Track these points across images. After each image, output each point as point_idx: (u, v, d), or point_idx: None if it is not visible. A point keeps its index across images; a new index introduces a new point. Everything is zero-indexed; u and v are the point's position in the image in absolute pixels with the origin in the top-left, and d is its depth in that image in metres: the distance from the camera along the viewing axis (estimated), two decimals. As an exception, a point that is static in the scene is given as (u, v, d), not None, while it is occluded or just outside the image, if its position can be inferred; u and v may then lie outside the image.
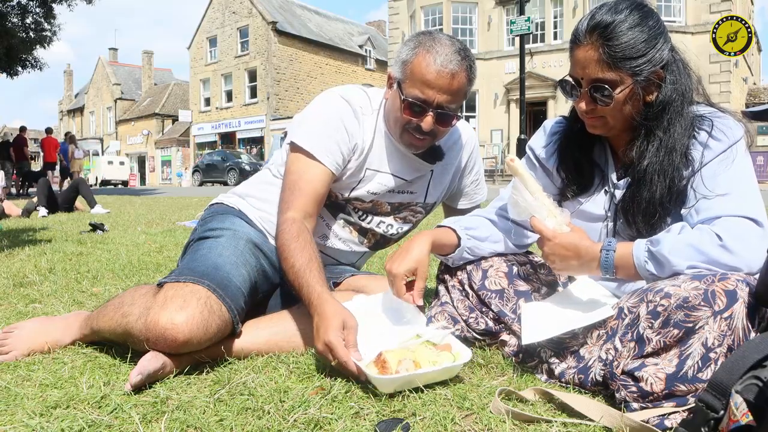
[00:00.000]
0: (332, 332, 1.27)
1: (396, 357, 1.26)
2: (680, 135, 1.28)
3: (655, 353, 1.08)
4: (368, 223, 1.75)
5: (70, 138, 16.93)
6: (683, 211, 1.28)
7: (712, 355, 1.04)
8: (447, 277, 1.55)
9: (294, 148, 1.61)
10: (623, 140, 1.39)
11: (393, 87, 1.58)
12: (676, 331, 1.06)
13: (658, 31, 1.26)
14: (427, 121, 1.52)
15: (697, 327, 1.05)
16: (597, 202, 1.43)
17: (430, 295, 1.71)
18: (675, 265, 1.14)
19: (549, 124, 1.59)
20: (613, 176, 1.41)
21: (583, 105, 1.31)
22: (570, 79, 1.33)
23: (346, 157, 1.61)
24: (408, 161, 1.70)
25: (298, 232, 1.50)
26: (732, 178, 1.22)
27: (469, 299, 1.51)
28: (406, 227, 1.82)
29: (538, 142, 1.58)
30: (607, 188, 1.42)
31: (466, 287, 1.51)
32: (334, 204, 1.71)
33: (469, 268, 1.51)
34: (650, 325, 1.09)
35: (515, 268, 1.50)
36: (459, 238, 1.50)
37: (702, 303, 1.05)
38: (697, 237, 1.15)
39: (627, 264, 1.21)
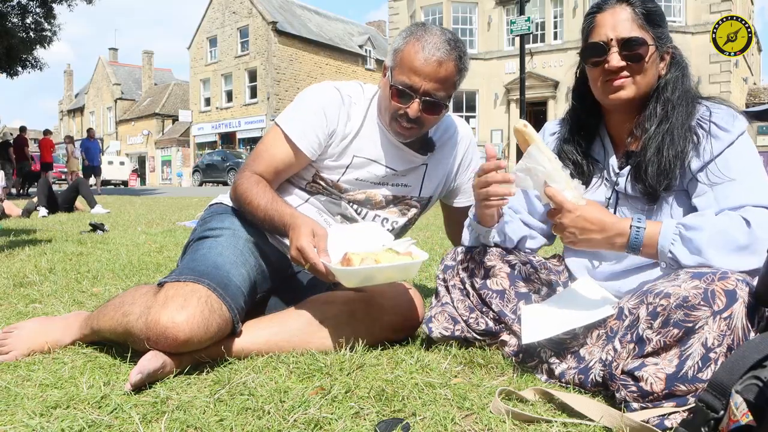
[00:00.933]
0: (303, 238, 1.40)
1: (359, 257, 1.40)
2: (686, 122, 1.31)
3: (655, 353, 1.08)
4: (364, 218, 1.76)
5: (67, 137, 16.84)
6: (695, 200, 1.29)
7: (712, 355, 1.04)
8: (448, 276, 1.55)
9: (276, 125, 1.71)
10: (625, 128, 1.42)
11: (386, 76, 1.63)
12: (675, 331, 1.06)
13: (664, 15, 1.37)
14: (413, 108, 1.56)
15: (696, 327, 1.05)
16: (598, 193, 1.44)
17: (430, 295, 1.71)
18: (707, 259, 1.15)
19: (548, 125, 1.63)
20: (615, 164, 1.42)
21: (614, 63, 1.34)
22: (599, 42, 1.36)
23: (322, 141, 1.67)
24: (399, 152, 1.72)
25: (257, 181, 1.63)
26: (746, 168, 1.25)
27: (469, 299, 1.51)
28: (401, 221, 1.82)
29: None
30: (607, 178, 1.42)
31: (467, 286, 1.51)
32: (330, 198, 1.73)
33: (471, 266, 1.52)
34: (650, 325, 1.09)
35: (517, 269, 1.50)
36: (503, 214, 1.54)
37: (702, 302, 1.05)
38: (726, 223, 1.17)
39: (651, 243, 1.21)
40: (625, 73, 1.36)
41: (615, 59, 1.34)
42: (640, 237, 1.21)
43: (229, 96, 32.92)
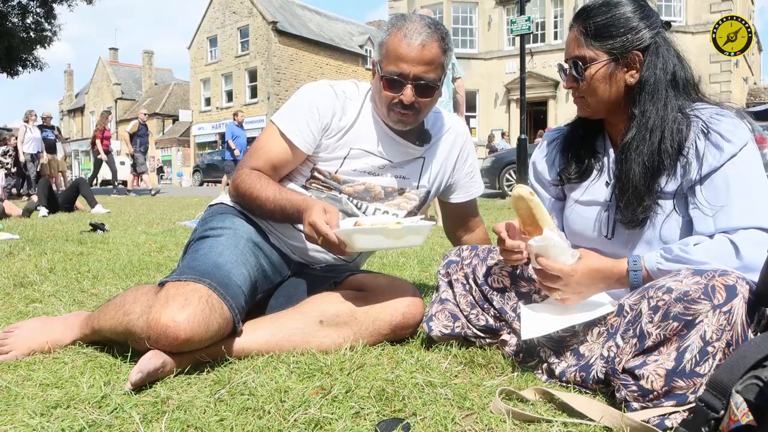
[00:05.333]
0: (315, 214, 1.45)
1: (369, 224, 1.48)
2: (657, 117, 1.29)
3: (655, 347, 1.09)
4: (364, 212, 1.76)
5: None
6: (692, 212, 1.27)
7: (710, 349, 1.04)
8: (451, 271, 1.56)
9: (271, 123, 1.75)
10: (618, 130, 1.41)
11: (375, 70, 1.67)
12: (675, 324, 1.06)
13: (639, 17, 1.32)
14: (407, 94, 1.60)
15: (696, 320, 1.05)
16: (598, 190, 1.44)
17: (430, 295, 1.71)
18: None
19: (548, 134, 1.65)
20: (613, 167, 1.42)
21: (565, 83, 1.41)
22: (563, 64, 1.42)
23: (316, 136, 1.70)
24: (396, 144, 1.75)
25: (258, 176, 1.67)
26: (745, 185, 1.22)
27: (471, 294, 1.51)
28: (401, 214, 1.82)
29: (539, 154, 1.63)
30: (608, 179, 1.43)
31: (471, 281, 1.52)
32: (330, 194, 1.73)
33: (474, 262, 1.52)
34: (650, 319, 1.10)
35: (519, 268, 1.50)
36: None
37: (702, 296, 1.05)
38: (716, 251, 1.17)
39: (650, 279, 1.24)
40: (577, 92, 1.39)
41: (566, 80, 1.40)
42: (639, 279, 1.25)
43: (230, 96, 32.91)
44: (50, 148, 13.37)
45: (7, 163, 12.68)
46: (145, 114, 13.87)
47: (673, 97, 1.31)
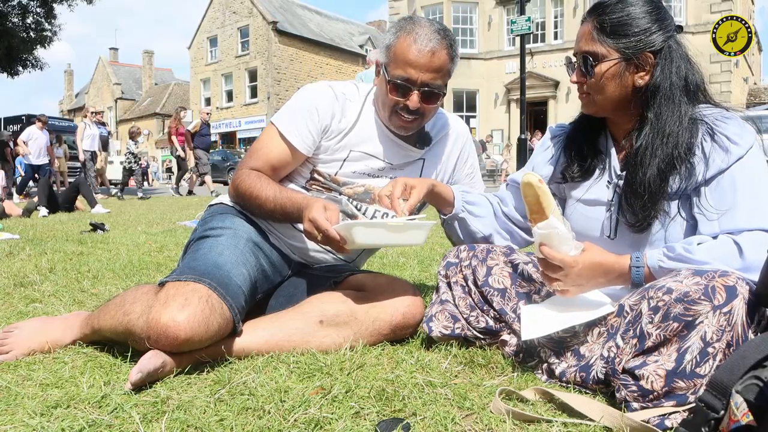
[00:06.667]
0: (315, 210, 1.44)
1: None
2: (673, 122, 1.29)
3: (656, 348, 1.09)
4: (364, 213, 1.76)
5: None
6: (697, 215, 1.27)
7: (710, 350, 1.04)
8: (450, 273, 1.56)
9: (271, 124, 1.75)
10: (622, 130, 1.41)
11: (380, 73, 1.65)
12: (675, 325, 1.06)
13: (653, 18, 1.31)
14: (413, 100, 1.59)
15: (696, 321, 1.05)
16: (600, 190, 1.44)
17: (430, 295, 1.71)
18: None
19: (552, 129, 1.65)
20: (617, 166, 1.42)
21: (573, 77, 1.40)
22: (572, 57, 1.42)
23: (315, 137, 1.70)
24: (396, 147, 1.75)
25: (258, 176, 1.67)
26: (751, 188, 1.22)
27: (471, 296, 1.51)
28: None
29: (540, 147, 1.64)
30: (609, 179, 1.43)
31: (470, 283, 1.51)
32: (330, 195, 1.74)
33: (474, 264, 1.52)
34: (651, 320, 1.10)
35: (520, 268, 1.50)
36: (455, 205, 1.62)
37: (702, 297, 1.05)
38: (719, 251, 1.17)
39: (652, 278, 1.24)
40: (584, 88, 1.38)
41: (573, 75, 1.39)
42: (641, 275, 1.25)
43: (230, 96, 32.95)
44: (103, 145, 13.35)
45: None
46: (207, 114, 13.80)
47: (686, 103, 1.31)
